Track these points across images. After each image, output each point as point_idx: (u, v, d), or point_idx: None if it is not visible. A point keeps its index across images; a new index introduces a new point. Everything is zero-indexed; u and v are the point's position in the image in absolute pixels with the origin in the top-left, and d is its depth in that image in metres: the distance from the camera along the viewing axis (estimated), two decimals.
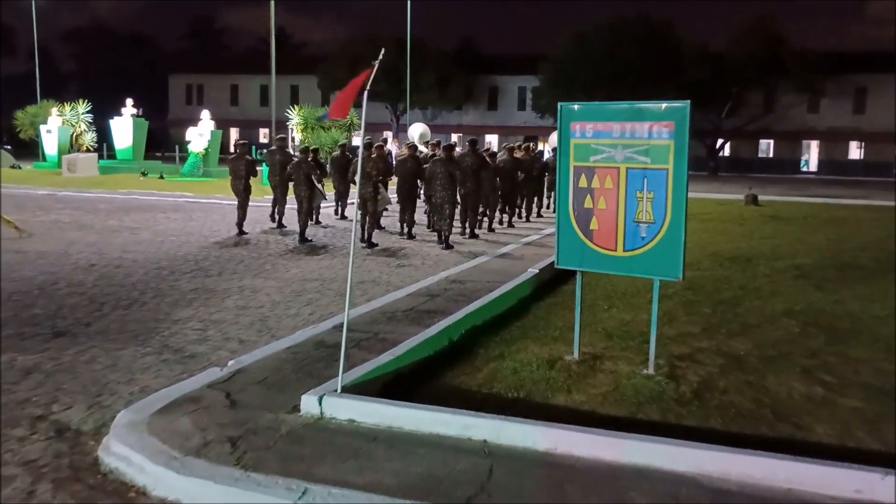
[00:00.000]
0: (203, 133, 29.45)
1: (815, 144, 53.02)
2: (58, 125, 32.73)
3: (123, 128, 32.07)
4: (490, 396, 5.12)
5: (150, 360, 6.02)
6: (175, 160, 33.60)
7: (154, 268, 10.07)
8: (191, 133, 29.71)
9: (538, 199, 18.18)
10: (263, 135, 52.51)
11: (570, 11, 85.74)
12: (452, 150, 12.95)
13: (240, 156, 13.91)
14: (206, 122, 29.88)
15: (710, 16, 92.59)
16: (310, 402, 4.68)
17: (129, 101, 32.01)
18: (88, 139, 33.29)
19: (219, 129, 31.54)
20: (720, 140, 50.23)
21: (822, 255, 11.74)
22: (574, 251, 5.75)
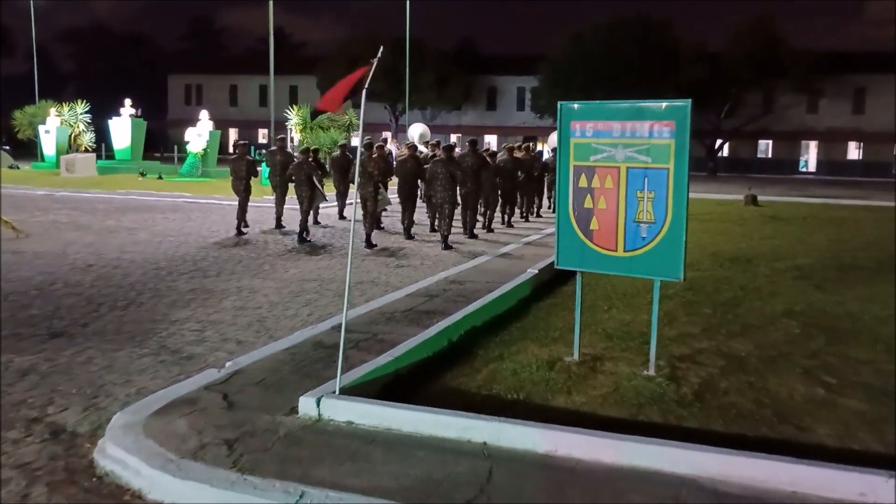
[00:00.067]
0: (202, 133, 29.41)
1: (814, 145, 53.03)
2: (56, 125, 32.69)
3: (122, 128, 32.02)
4: (490, 398, 5.08)
5: (147, 362, 5.98)
6: (174, 160, 33.56)
7: (152, 268, 10.03)
8: (189, 133, 29.67)
9: (538, 199, 18.17)
10: (262, 135, 52.47)
11: (569, 12, 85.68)
12: (453, 151, 12.97)
13: (240, 156, 13.93)
14: (205, 123, 29.84)
15: (709, 16, 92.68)
16: (308, 404, 4.64)
17: (128, 102, 31.96)
18: (87, 139, 33.25)
19: (218, 130, 31.50)
20: (719, 140, 50.22)
21: (823, 256, 11.71)
22: (574, 251, 5.71)
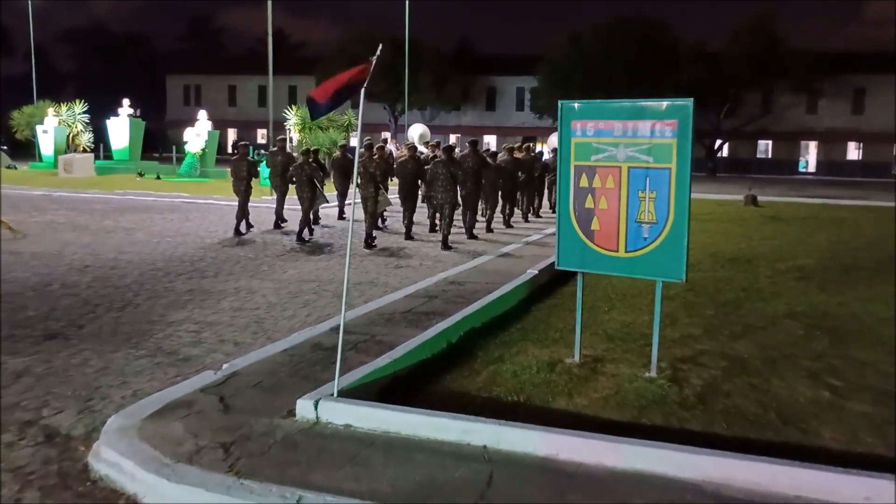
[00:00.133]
0: (200, 133, 29.35)
1: (814, 145, 53.01)
2: (54, 126, 32.61)
3: (120, 128, 31.93)
4: (489, 400, 5.01)
5: (143, 364, 5.91)
6: (172, 161, 33.48)
7: (149, 269, 9.96)
8: (188, 133, 29.60)
9: (538, 200, 18.16)
10: (261, 135, 52.40)
11: (568, 12, 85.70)
12: (453, 151, 13.02)
13: (241, 157, 13.92)
14: (203, 123, 29.77)
15: (708, 16, 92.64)
16: (305, 407, 4.57)
17: (126, 102, 31.87)
18: (85, 140, 33.17)
19: (216, 130, 31.43)
20: (718, 141, 50.19)
21: (824, 256, 11.66)
22: (575, 252, 5.65)
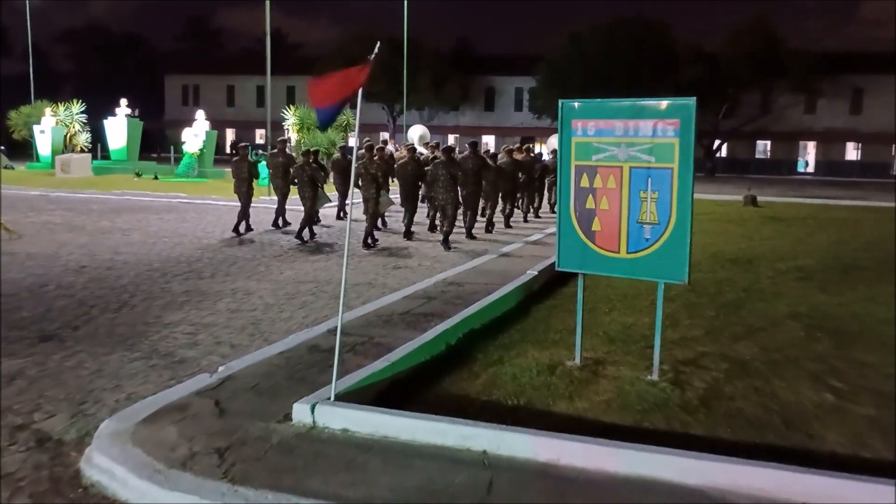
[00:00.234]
0: (198, 133, 29.24)
1: (812, 145, 53.00)
2: (51, 125, 32.48)
3: (117, 128, 31.82)
4: (489, 404, 4.94)
5: (138, 366, 5.82)
6: (170, 161, 33.37)
7: (145, 270, 9.87)
8: (186, 134, 29.50)
9: (538, 200, 18.15)
10: (260, 135, 52.31)
11: (567, 12, 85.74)
12: (453, 152, 12.98)
13: (241, 158, 13.92)
14: (201, 123, 29.66)
15: (706, 16, 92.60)
16: (302, 411, 4.49)
17: (124, 102, 31.75)
18: (82, 140, 33.05)
19: (214, 130, 31.32)
20: (717, 141, 50.16)
21: (824, 257, 11.59)
22: (575, 253, 5.58)
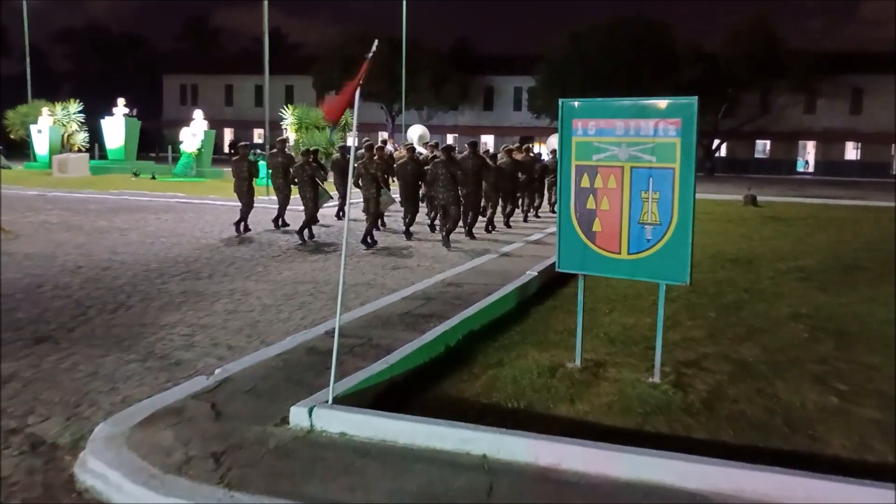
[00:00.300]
0: (196, 133, 29.18)
1: (812, 145, 52.98)
2: (48, 125, 32.40)
3: (115, 128, 31.76)
4: (489, 406, 4.88)
5: (134, 368, 5.76)
6: (168, 160, 33.30)
7: (142, 270, 9.81)
8: (184, 133, 29.43)
9: (538, 200, 18.14)
10: (258, 135, 52.21)
11: (567, 12, 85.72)
12: (453, 151, 12.95)
13: (242, 157, 13.91)
14: (199, 122, 29.60)
15: (706, 16, 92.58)
16: (299, 414, 4.43)
17: (121, 101, 31.69)
18: (80, 139, 32.97)
19: (212, 129, 31.26)
20: (716, 141, 50.13)
21: (825, 257, 11.54)
22: (576, 254, 5.52)
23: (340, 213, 16.20)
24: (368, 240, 12.33)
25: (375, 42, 4.51)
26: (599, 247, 5.41)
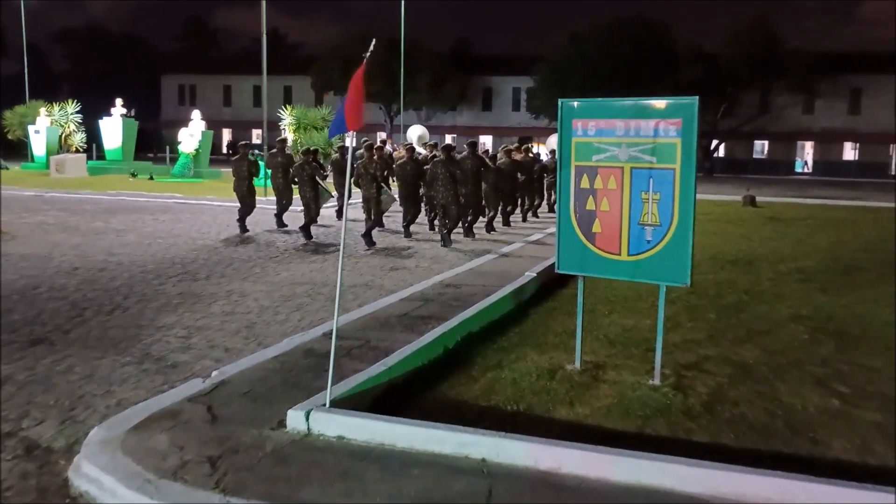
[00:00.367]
0: (194, 133, 29.11)
1: (810, 145, 52.98)
2: (46, 125, 32.32)
3: (113, 128, 31.68)
4: (488, 409, 4.84)
5: (130, 371, 5.71)
6: (166, 161, 33.23)
7: (139, 271, 9.76)
8: (182, 133, 29.37)
9: (538, 200, 18.15)
10: (256, 135, 52.12)
11: (566, 12, 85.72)
12: (453, 151, 12.92)
13: (242, 157, 13.94)
14: (197, 123, 29.53)
15: (705, 16, 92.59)
16: (296, 418, 4.38)
17: (119, 102, 31.62)
18: (78, 140, 32.89)
19: (210, 130, 31.18)
20: (715, 141, 50.12)
21: (825, 258, 11.51)
22: (575, 255, 5.48)
23: (340, 214, 16.18)
24: (369, 239, 12.33)
25: (373, 42, 4.46)
26: (599, 248, 5.37)
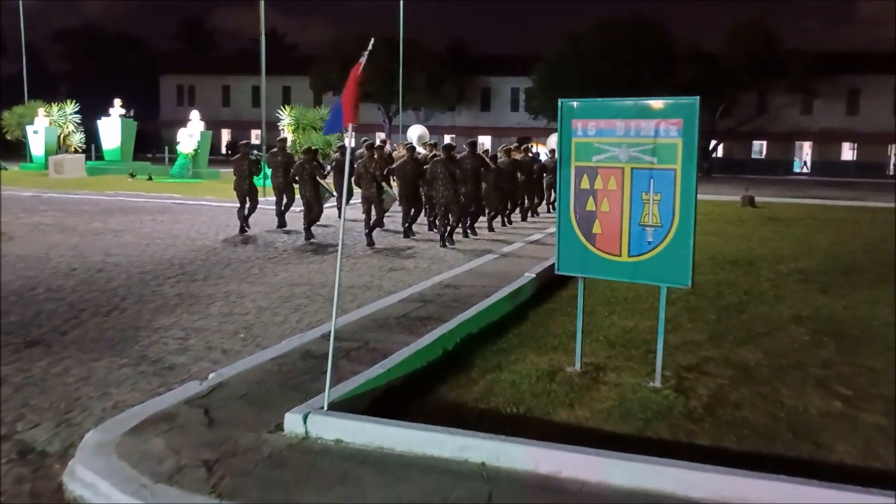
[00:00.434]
0: (192, 134, 29.04)
1: (808, 145, 52.97)
2: (45, 126, 32.23)
3: (111, 128, 31.61)
4: (487, 412, 4.79)
5: (127, 373, 5.67)
6: (164, 161, 33.16)
7: (137, 272, 9.71)
8: (181, 134, 29.31)
9: (538, 199, 18.14)
10: (255, 136, 52.06)
11: (565, 12, 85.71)
12: (453, 150, 12.89)
13: (243, 156, 13.97)
14: (196, 123, 29.47)
15: (703, 16, 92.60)
16: (294, 421, 4.34)
17: (117, 102, 31.54)
18: (76, 140, 32.80)
19: (209, 130, 31.13)
20: (713, 141, 50.09)
21: (825, 258, 11.47)
22: (575, 256, 5.44)
23: (338, 213, 16.16)
24: (370, 239, 12.31)
25: (371, 41, 4.42)
26: (599, 249, 5.33)
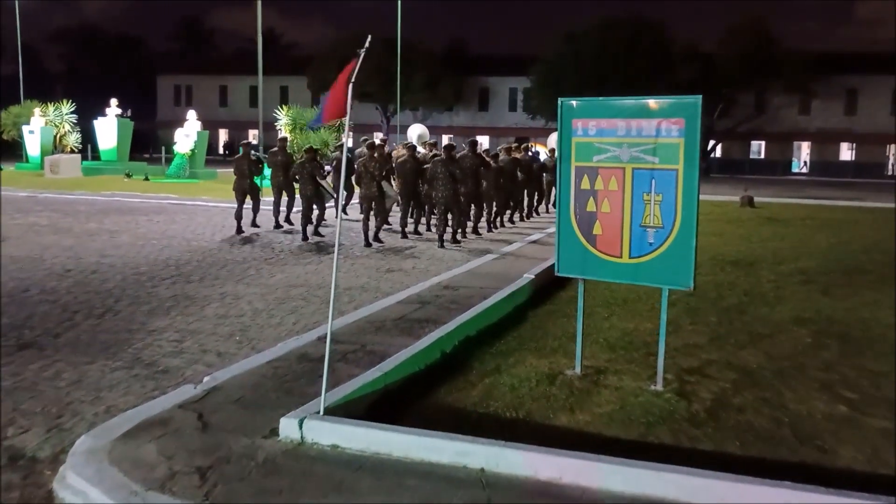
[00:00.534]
0: (189, 134, 28.92)
1: (806, 145, 52.98)
2: (40, 126, 32.09)
3: (108, 128, 31.44)
4: (486, 416, 4.71)
5: (120, 376, 5.58)
6: (161, 161, 33.05)
7: (132, 273, 9.61)
8: (178, 134, 29.19)
9: (538, 199, 18.09)
10: (252, 136, 51.93)
11: (563, 12, 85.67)
12: (454, 150, 12.82)
13: (244, 155, 13.92)
14: (193, 123, 29.34)
15: (701, 16, 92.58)
16: (289, 426, 4.26)
17: (114, 102, 31.38)
18: (72, 140, 32.65)
19: (206, 130, 31.01)
20: (711, 141, 50.06)
21: (826, 259, 11.40)
22: (576, 257, 5.36)
23: (344, 211, 16.11)
24: (370, 241, 12.27)
25: (369, 38, 4.34)
26: (600, 250, 5.25)
